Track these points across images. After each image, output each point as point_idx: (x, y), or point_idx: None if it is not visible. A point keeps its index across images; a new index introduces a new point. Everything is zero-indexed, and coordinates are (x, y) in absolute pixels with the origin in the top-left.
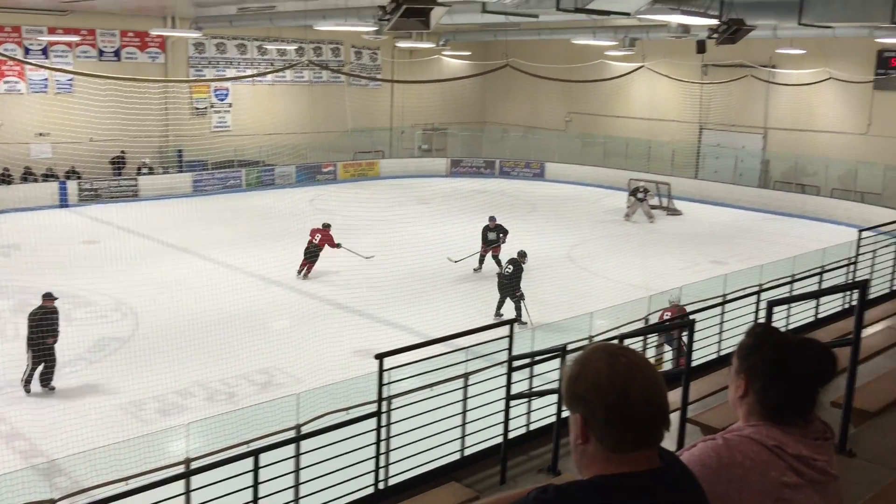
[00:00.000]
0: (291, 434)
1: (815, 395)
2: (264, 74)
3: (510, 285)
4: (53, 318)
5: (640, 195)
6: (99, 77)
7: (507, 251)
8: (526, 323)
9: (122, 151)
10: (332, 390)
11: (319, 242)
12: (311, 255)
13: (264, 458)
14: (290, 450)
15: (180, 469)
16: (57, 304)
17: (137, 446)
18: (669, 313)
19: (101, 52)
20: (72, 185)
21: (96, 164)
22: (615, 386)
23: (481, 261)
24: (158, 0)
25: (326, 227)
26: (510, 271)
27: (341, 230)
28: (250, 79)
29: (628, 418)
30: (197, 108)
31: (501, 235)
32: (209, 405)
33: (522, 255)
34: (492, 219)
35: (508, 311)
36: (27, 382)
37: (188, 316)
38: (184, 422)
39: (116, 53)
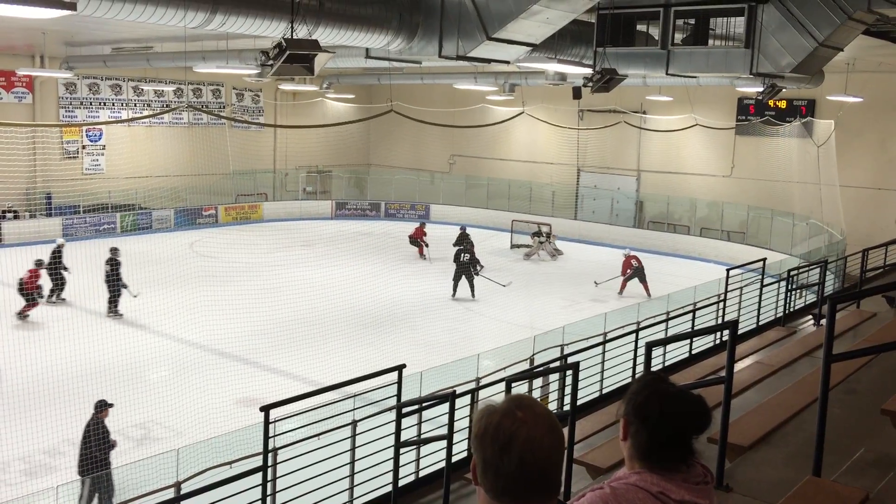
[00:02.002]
0: (171, 493)
1: (689, 444)
2: (140, 119)
3: (469, 267)
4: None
5: (541, 238)
6: None
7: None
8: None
9: None
10: (215, 444)
11: (414, 234)
12: (415, 243)
13: None
14: None
15: None
16: None
17: None
18: (634, 260)
19: None
20: None
21: None
22: (495, 441)
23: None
24: (26, 38)
25: (422, 224)
26: (467, 258)
27: (223, 275)
28: (126, 122)
29: (498, 474)
30: (67, 150)
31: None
32: None
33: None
34: (462, 227)
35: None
36: None
37: (57, 369)
38: (53, 484)
39: None
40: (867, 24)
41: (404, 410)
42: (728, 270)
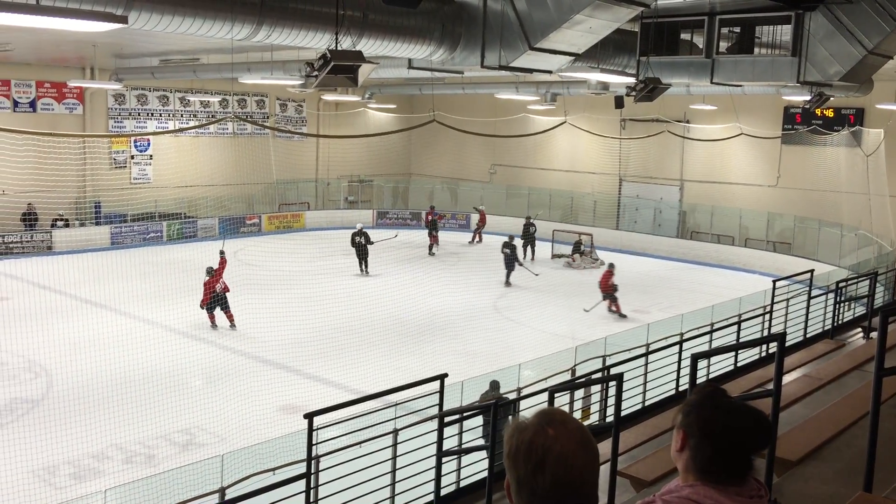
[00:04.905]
0: (215, 498)
1: (750, 459)
2: (187, 129)
3: (534, 238)
4: None
5: (583, 248)
6: (13, 132)
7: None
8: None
9: (29, 204)
10: (258, 450)
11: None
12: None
13: None
14: None
15: None
16: None
17: None
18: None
19: (15, 104)
20: None
21: (7, 217)
22: (528, 460)
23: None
24: (77, 51)
25: (431, 208)
26: (534, 230)
27: (266, 283)
28: (173, 133)
29: (534, 493)
30: (116, 160)
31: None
32: (127, 469)
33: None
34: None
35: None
36: None
37: (105, 374)
38: (100, 488)
39: (32, 104)
40: None
41: (446, 420)
42: (774, 282)
